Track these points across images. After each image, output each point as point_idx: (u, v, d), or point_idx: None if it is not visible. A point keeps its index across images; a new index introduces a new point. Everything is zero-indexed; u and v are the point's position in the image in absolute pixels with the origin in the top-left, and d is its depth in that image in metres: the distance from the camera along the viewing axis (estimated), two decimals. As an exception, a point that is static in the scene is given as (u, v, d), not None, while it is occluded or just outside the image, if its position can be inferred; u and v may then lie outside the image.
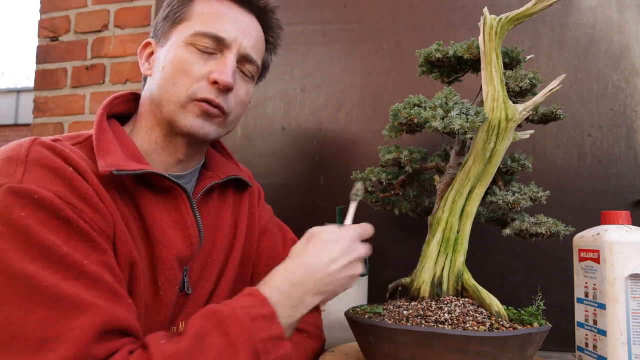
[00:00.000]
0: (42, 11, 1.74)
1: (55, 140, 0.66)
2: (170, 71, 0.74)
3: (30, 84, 9.09)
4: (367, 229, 0.77)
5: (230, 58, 0.76)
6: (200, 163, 0.84)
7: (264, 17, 0.84)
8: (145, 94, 0.79)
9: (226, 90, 0.75)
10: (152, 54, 0.80)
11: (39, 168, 0.59)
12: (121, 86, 1.61)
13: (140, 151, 0.75)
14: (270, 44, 0.88)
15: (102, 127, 0.71)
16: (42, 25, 1.74)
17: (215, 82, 0.74)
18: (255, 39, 0.80)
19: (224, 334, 0.57)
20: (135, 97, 0.82)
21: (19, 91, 8.70)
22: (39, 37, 1.73)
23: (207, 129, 0.76)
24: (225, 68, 0.74)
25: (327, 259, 0.69)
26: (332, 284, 0.69)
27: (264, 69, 0.89)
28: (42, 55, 1.72)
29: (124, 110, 0.81)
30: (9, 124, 8.52)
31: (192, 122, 0.74)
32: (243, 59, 0.78)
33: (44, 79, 1.71)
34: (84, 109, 1.64)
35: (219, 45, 0.75)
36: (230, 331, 0.57)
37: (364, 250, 0.74)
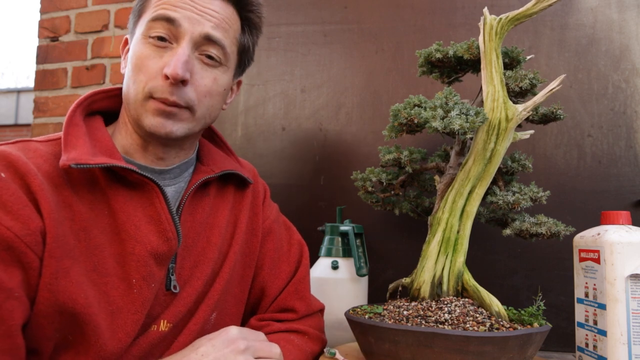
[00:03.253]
0: (42, 11, 1.74)
1: (21, 142, 0.66)
2: (131, 68, 0.71)
3: (30, 84, 9.10)
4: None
5: (183, 46, 0.69)
6: (188, 157, 0.81)
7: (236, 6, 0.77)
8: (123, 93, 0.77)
9: (179, 83, 0.69)
10: (128, 50, 0.78)
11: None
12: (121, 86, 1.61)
13: (123, 149, 0.74)
14: (247, 22, 0.80)
15: (72, 122, 0.69)
16: (42, 25, 1.74)
17: (167, 77, 0.69)
18: (219, 18, 0.73)
19: None
20: (120, 93, 0.79)
21: (19, 91, 8.70)
22: (39, 37, 1.73)
23: (170, 127, 0.70)
24: (176, 59, 0.68)
25: (194, 354, 0.66)
26: None
27: (243, 51, 0.81)
28: (42, 55, 1.72)
29: (109, 106, 0.79)
30: (9, 124, 8.52)
31: (151, 121, 0.70)
32: (204, 42, 0.71)
33: (44, 79, 1.71)
34: (84, 109, 1.65)
35: (172, 31, 0.70)
36: None
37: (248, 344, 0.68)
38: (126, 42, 0.80)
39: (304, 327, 0.84)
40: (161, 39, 0.70)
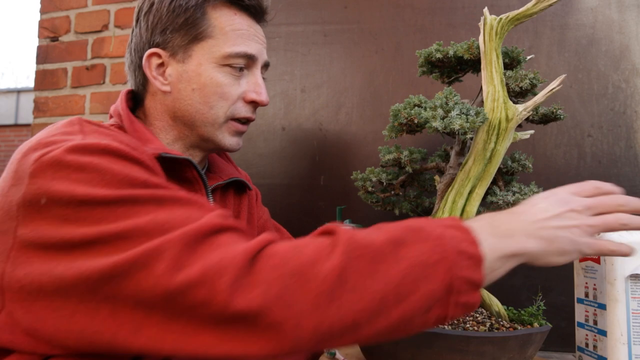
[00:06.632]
0: (42, 11, 1.74)
1: (103, 128, 0.67)
2: (206, 94, 0.75)
3: (30, 84, 9.10)
4: (584, 185, 0.65)
5: (258, 74, 0.80)
6: (205, 165, 0.86)
7: (263, 25, 0.86)
8: (160, 107, 0.77)
9: (261, 106, 0.81)
10: (162, 65, 0.76)
11: (96, 134, 0.60)
12: (121, 86, 1.61)
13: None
14: None
15: (132, 119, 0.73)
16: (42, 25, 1.74)
17: (252, 102, 0.79)
18: (265, 46, 0.84)
19: (425, 252, 0.51)
20: (133, 95, 0.80)
21: (19, 91, 8.70)
22: (39, 37, 1.73)
23: (240, 144, 0.81)
24: (259, 88, 0.79)
25: (533, 209, 0.60)
26: (546, 229, 0.58)
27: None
28: (42, 55, 1.72)
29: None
30: (9, 124, 8.52)
31: (230, 140, 0.79)
32: (263, 67, 0.82)
33: (44, 79, 1.71)
34: (84, 109, 1.65)
35: (249, 61, 0.78)
36: (433, 253, 0.51)
37: (586, 202, 0.62)
38: (153, 55, 0.76)
39: None
40: (240, 69, 0.78)
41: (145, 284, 0.47)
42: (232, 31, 0.76)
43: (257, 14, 0.81)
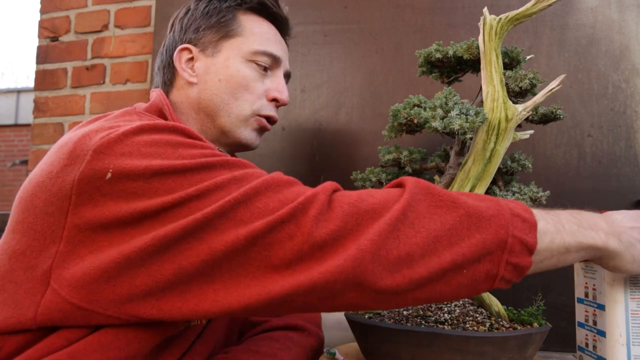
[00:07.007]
0: (42, 11, 1.74)
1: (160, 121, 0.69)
2: (232, 85, 0.79)
3: (30, 84, 9.10)
4: None
5: (281, 76, 0.84)
6: None
7: (287, 40, 0.93)
8: (185, 100, 0.80)
9: (282, 106, 0.85)
10: (191, 59, 0.81)
11: (160, 119, 0.63)
12: (121, 86, 1.61)
13: None
14: None
15: (176, 116, 0.75)
16: (42, 25, 1.74)
17: (274, 99, 0.82)
18: (288, 57, 0.90)
19: (482, 207, 0.54)
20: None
21: (19, 91, 8.70)
22: (39, 37, 1.73)
23: (258, 141, 0.85)
24: (282, 87, 0.84)
25: (611, 217, 0.64)
26: (625, 235, 0.61)
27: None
28: (42, 55, 1.72)
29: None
30: (9, 124, 8.52)
31: (250, 134, 0.81)
32: (285, 76, 0.87)
33: (44, 79, 1.71)
34: (84, 109, 1.64)
35: (273, 62, 0.83)
36: (489, 208, 0.54)
37: None
38: (184, 50, 0.81)
39: (301, 321, 0.85)
40: (265, 68, 0.82)
41: (228, 236, 0.49)
42: (260, 33, 0.82)
43: (281, 24, 0.88)
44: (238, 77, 0.79)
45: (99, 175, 0.51)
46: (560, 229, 0.58)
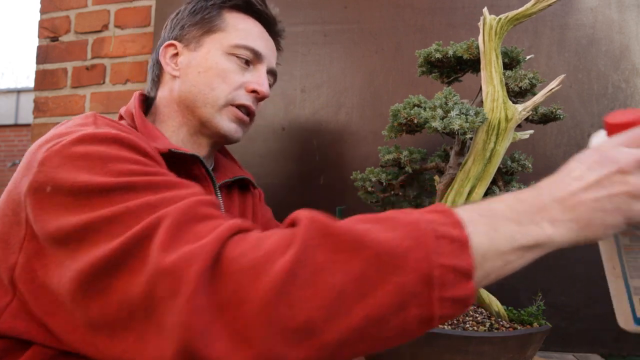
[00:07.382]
0: (42, 11, 1.74)
1: (114, 124, 0.68)
2: (209, 76, 0.79)
3: (30, 84, 9.10)
4: (637, 132, 0.51)
5: (263, 71, 0.83)
6: (212, 164, 0.88)
7: (277, 41, 0.92)
8: (168, 94, 0.81)
9: (262, 99, 0.84)
10: (176, 55, 0.82)
11: (108, 127, 0.62)
12: (121, 86, 1.61)
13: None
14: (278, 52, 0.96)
15: (143, 118, 0.75)
16: (42, 25, 1.74)
17: (253, 91, 0.81)
18: (275, 56, 0.89)
19: (394, 239, 0.43)
20: (144, 98, 0.84)
21: (19, 91, 8.70)
22: (39, 37, 1.73)
23: (239, 133, 0.82)
24: (262, 80, 0.82)
25: (567, 178, 0.49)
26: (580, 206, 0.47)
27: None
28: (42, 55, 1.72)
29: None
30: (9, 124, 8.52)
31: (228, 125, 0.80)
32: (269, 73, 0.86)
33: (44, 79, 1.71)
34: (84, 109, 1.64)
35: (255, 58, 0.82)
36: (404, 239, 0.43)
37: (634, 157, 0.48)
38: (170, 46, 0.83)
39: None
40: (246, 62, 0.82)
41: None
42: (244, 29, 0.82)
43: (268, 23, 0.87)
44: (216, 68, 0.79)
45: (42, 187, 0.50)
46: (493, 237, 0.46)
